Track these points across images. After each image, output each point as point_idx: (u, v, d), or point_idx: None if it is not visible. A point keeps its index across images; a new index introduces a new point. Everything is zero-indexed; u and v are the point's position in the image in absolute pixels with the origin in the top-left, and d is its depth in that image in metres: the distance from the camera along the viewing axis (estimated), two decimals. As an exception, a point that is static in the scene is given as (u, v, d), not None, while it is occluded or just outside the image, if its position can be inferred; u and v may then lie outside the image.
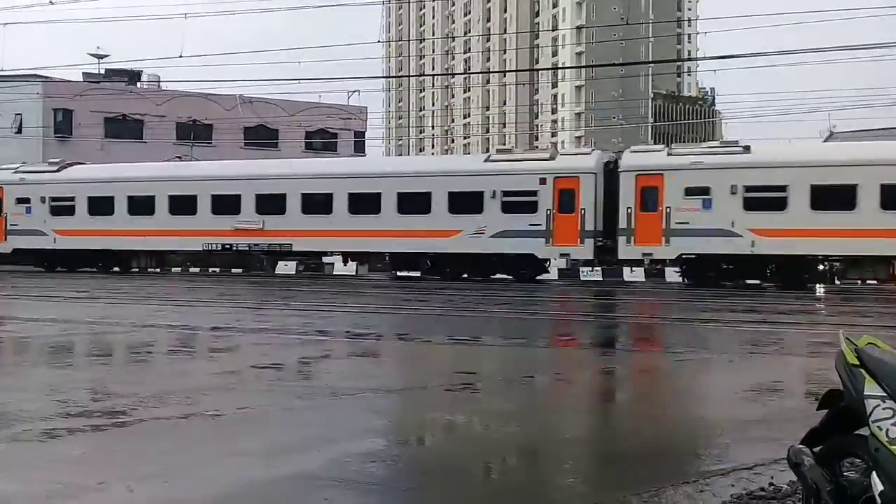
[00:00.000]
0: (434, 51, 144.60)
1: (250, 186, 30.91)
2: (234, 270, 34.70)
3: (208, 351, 10.70)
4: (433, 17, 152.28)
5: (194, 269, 35.67)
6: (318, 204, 29.86)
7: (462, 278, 28.44)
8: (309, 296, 21.15)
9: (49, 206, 33.70)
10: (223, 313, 15.85)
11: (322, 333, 12.43)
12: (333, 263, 33.98)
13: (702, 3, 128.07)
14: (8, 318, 14.03)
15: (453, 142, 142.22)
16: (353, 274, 32.85)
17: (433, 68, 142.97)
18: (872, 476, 2.92)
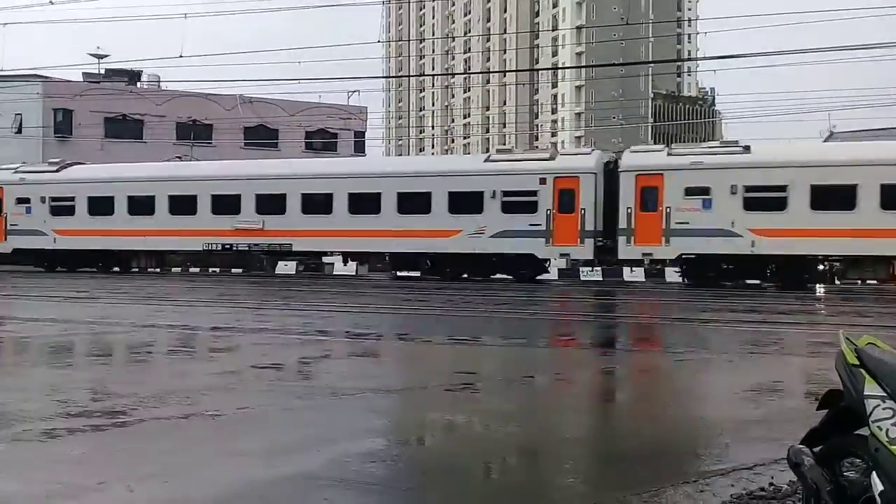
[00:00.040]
0: (434, 51, 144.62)
1: (250, 186, 30.87)
2: (234, 270, 34.72)
3: (208, 351, 10.70)
4: (433, 17, 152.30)
5: (194, 269, 35.68)
6: (318, 204, 29.82)
7: (462, 278, 28.41)
8: (309, 296, 21.14)
9: (49, 206, 33.68)
10: (223, 313, 15.85)
11: (322, 333, 12.43)
12: (333, 263, 33.96)
13: (702, 3, 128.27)
14: (8, 318, 14.03)
15: (453, 142, 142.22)
16: (353, 274, 32.84)
17: (433, 68, 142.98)
18: (872, 476, 2.92)
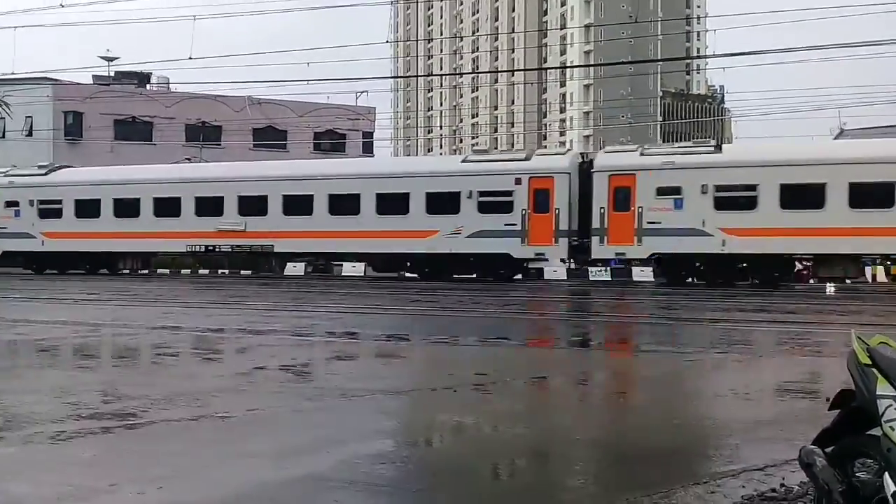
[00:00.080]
0: (442, 50, 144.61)
1: (232, 188, 31.08)
2: (244, 272, 34.89)
3: (217, 353, 10.73)
4: (441, 17, 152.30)
5: (203, 271, 35.86)
6: (298, 205, 29.96)
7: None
8: (318, 297, 21.18)
9: (37, 208, 34.00)
10: (232, 315, 15.90)
11: (330, 334, 12.45)
12: (342, 265, 34.12)
13: (710, 1, 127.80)
14: (20, 321, 14.10)
15: (462, 142, 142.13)
16: (361, 275, 32.96)
17: (441, 68, 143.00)
18: (885, 477, 2.91)
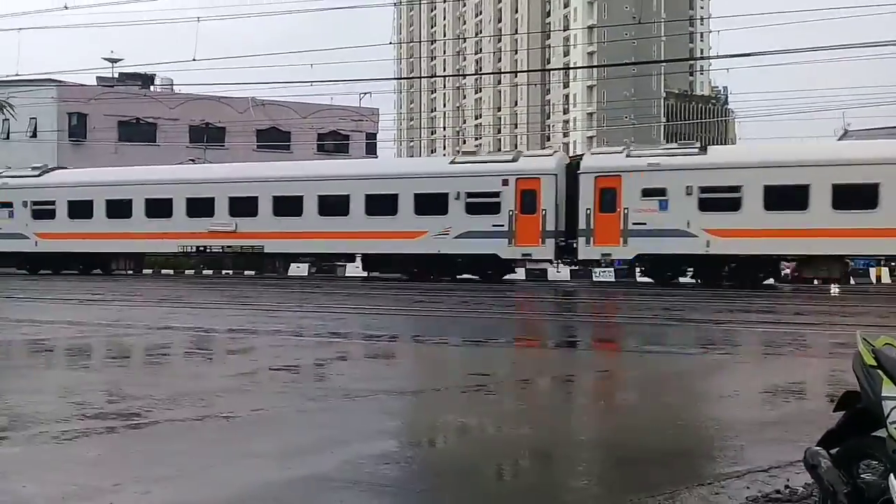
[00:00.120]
0: (445, 52, 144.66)
1: (223, 189, 31.18)
2: (247, 273, 34.93)
3: (222, 353, 10.74)
4: (444, 18, 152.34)
5: (208, 272, 35.90)
6: (288, 206, 30.07)
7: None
8: (322, 297, 21.20)
9: (31, 209, 34.14)
10: (236, 315, 15.92)
11: (334, 335, 12.45)
12: (346, 266, 34.19)
13: (714, 2, 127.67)
14: (24, 321, 14.13)
15: (465, 143, 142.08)
16: (364, 275, 32.98)
17: (444, 69, 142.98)
18: (890, 478, 2.90)
